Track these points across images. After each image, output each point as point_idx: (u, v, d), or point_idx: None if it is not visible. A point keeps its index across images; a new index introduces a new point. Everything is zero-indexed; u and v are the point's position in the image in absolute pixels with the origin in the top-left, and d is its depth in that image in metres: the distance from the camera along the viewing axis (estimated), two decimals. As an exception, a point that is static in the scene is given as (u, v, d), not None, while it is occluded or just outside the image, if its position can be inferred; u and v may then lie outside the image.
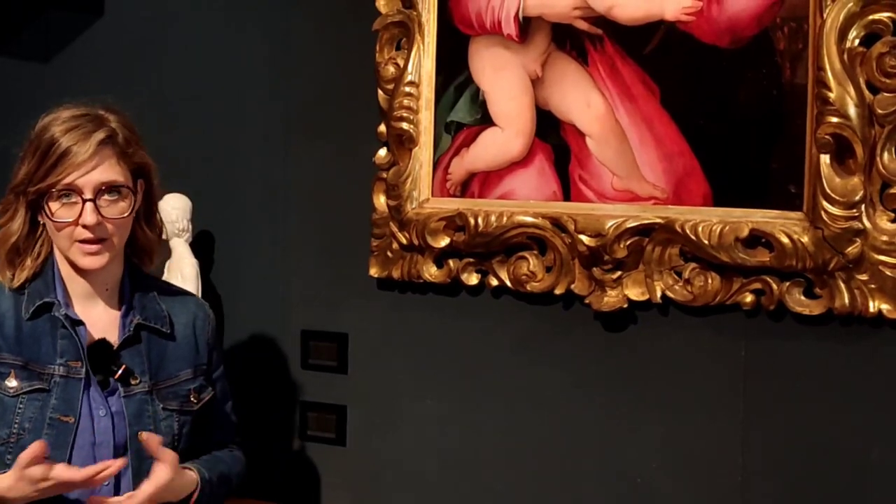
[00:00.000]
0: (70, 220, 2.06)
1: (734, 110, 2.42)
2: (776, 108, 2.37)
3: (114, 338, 2.13)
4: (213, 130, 3.16)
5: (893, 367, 2.32)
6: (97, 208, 2.06)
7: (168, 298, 2.24)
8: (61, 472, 1.96)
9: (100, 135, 2.06)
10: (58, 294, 2.10)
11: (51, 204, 2.05)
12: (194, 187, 3.03)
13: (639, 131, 2.52)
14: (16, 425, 2.01)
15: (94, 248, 2.08)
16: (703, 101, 2.45)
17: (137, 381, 2.11)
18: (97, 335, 2.11)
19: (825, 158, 2.29)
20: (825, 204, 2.29)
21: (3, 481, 1.97)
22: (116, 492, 2.07)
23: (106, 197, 2.08)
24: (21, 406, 2.02)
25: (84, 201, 2.06)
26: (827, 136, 2.28)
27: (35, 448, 1.96)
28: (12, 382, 2.02)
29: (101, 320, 2.13)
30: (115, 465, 2.01)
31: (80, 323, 2.10)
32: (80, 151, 2.04)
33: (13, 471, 1.97)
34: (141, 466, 2.08)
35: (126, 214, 2.11)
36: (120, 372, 2.09)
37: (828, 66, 2.28)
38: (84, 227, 2.06)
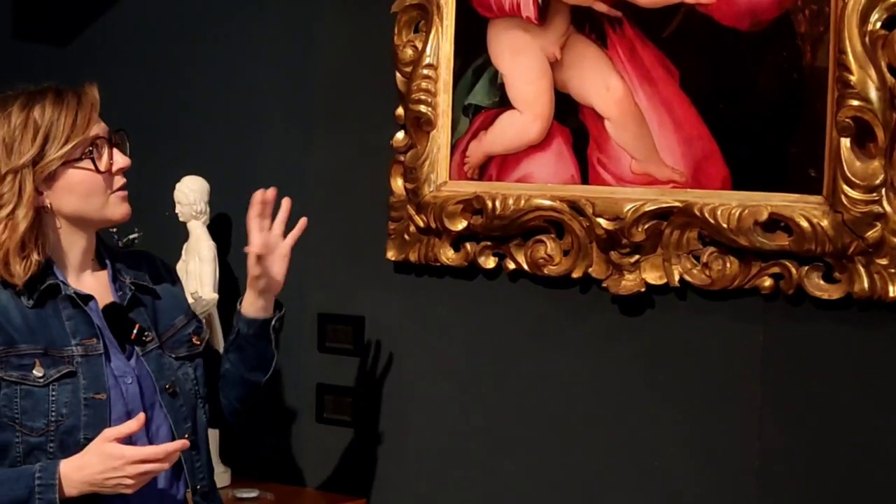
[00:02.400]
0: (117, 166, 2.08)
1: (754, 94, 2.41)
2: (796, 91, 2.36)
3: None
4: (231, 113, 3.16)
5: (913, 352, 2.31)
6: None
7: (133, 258, 2.24)
8: (137, 449, 1.97)
9: (94, 88, 2.09)
10: (57, 274, 2.08)
11: (79, 164, 2.05)
12: (212, 169, 3.03)
13: (658, 114, 2.51)
14: (53, 413, 2.00)
15: (126, 192, 2.11)
16: (723, 84, 2.44)
17: (150, 338, 2.12)
18: (101, 304, 2.11)
19: (846, 142, 2.28)
20: (845, 188, 2.28)
21: (73, 462, 1.97)
22: (150, 441, 2.08)
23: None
24: (54, 393, 2.00)
25: (110, 147, 2.08)
26: (847, 120, 2.27)
27: (131, 425, 1.97)
28: (39, 371, 2.00)
29: (96, 288, 2.12)
30: (180, 443, 2.03)
31: (90, 297, 2.09)
32: (85, 104, 2.06)
33: (93, 444, 1.97)
34: (177, 416, 2.11)
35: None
36: (135, 332, 2.09)
37: (849, 49, 2.26)
38: (121, 170, 2.09)
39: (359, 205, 2.96)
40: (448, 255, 2.79)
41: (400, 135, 2.85)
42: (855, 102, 2.25)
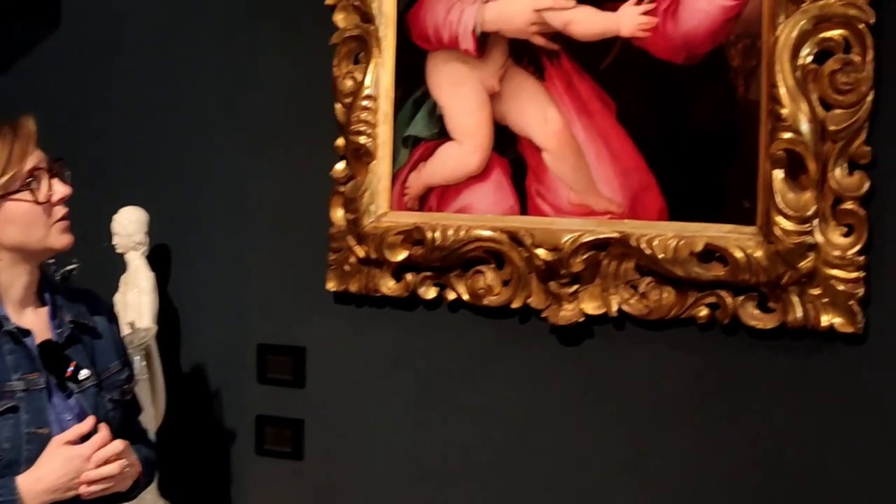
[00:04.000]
0: (57, 196, 2.07)
1: (689, 126, 2.44)
2: (730, 123, 2.40)
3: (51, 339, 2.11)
4: (170, 142, 3.14)
5: (845, 380, 2.34)
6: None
7: (75, 295, 2.22)
8: (89, 443, 2.02)
9: (30, 120, 2.07)
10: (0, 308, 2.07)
11: (17, 196, 2.04)
12: (151, 199, 3.01)
13: (595, 146, 2.54)
14: None
15: (68, 222, 2.10)
16: (659, 116, 2.48)
17: (88, 376, 2.10)
18: (38, 340, 2.09)
19: (778, 174, 2.32)
20: (778, 219, 2.31)
21: (29, 475, 1.98)
22: None
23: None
24: None
25: (50, 178, 2.07)
26: (780, 152, 2.31)
27: (83, 426, 2.02)
28: None
29: (35, 324, 2.10)
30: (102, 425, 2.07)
31: (28, 333, 2.07)
32: (22, 136, 2.05)
33: (47, 453, 1.99)
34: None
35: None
36: (71, 369, 2.07)
37: (781, 83, 2.31)
38: (62, 200, 2.08)
39: (299, 235, 2.96)
40: (389, 286, 2.79)
41: (340, 165, 2.85)
42: (787, 135, 2.30)
